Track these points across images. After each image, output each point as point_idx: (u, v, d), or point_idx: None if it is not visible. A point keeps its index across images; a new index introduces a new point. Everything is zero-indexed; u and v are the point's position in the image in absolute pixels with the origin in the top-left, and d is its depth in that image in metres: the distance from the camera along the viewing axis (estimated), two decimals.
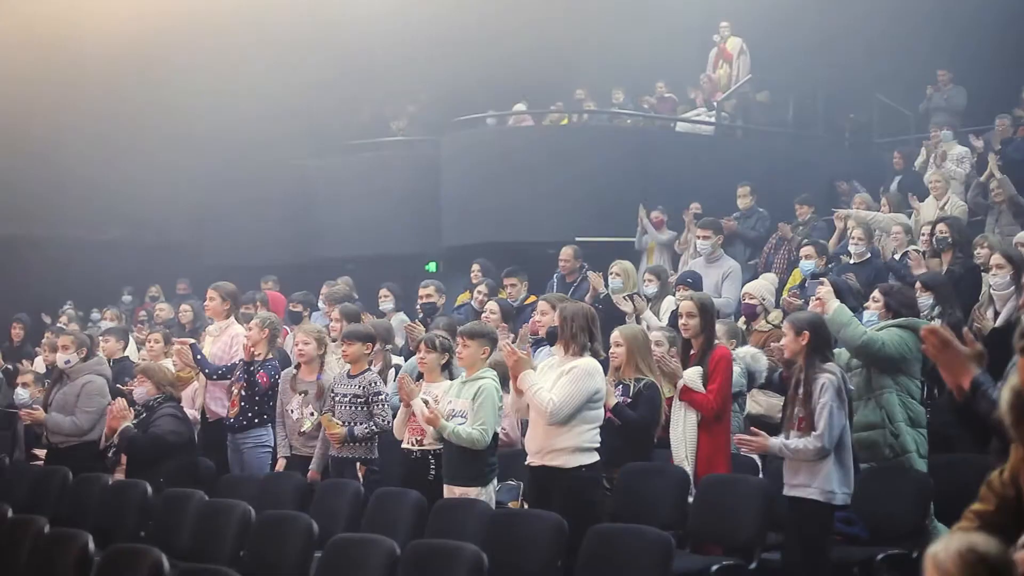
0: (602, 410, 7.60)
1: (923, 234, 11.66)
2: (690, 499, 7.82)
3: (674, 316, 9.72)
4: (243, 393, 9.81)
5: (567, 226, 15.93)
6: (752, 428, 7.70)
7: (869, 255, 11.72)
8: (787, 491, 7.30)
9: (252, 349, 9.85)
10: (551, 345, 7.71)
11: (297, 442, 9.56)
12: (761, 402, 9.08)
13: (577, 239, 14.05)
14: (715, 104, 18.72)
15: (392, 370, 9.93)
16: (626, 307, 10.89)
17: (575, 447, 7.39)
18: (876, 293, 8.35)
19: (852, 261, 11.70)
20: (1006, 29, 18.96)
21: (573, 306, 7.86)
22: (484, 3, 19.14)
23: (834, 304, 7.78)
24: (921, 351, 7.60)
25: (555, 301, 9.31)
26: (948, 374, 4.26)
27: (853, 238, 11.81)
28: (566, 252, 12.60)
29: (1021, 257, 9.00)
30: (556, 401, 7.28)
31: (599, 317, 8.45)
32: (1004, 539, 3.40)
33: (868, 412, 7.85)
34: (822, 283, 8.58)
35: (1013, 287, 8.57)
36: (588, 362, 7.46)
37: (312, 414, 9.37)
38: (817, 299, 8.00)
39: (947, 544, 3.14)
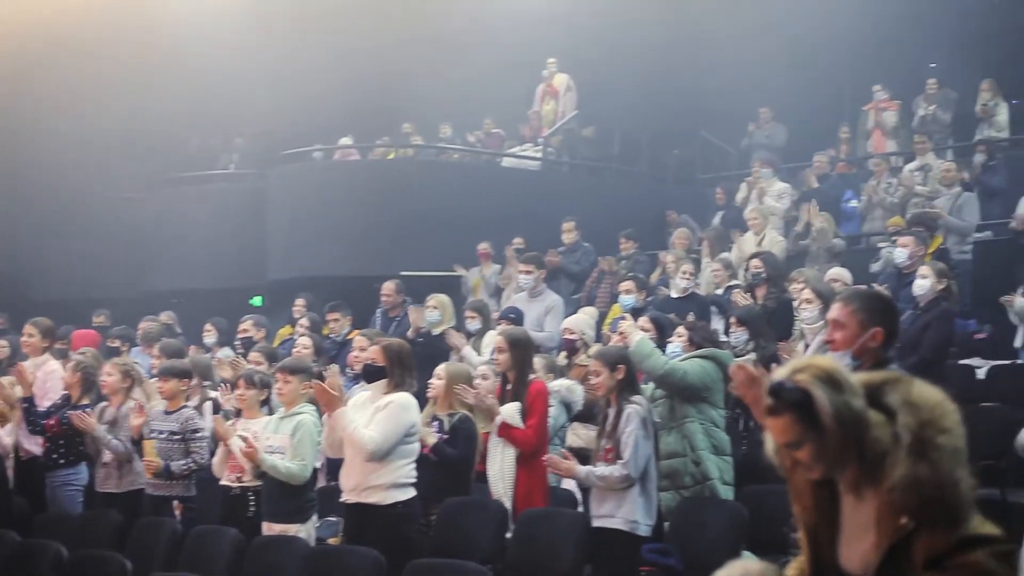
0: (418, 444, 7.61)
1: (744, 269, 11.90)
2: (508, 534, 7.86)
3: None
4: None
5: (393, 260, 15.93)
6: (563, 451, 7.82)
7: (692, 290, 11.92)
8: (594, 522, 7.45)
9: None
10: (368, 382, 7.68)
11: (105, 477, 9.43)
12: (581, 435, 9.12)
13: (402, 273, 14.05)
14: (541, 139, 18.87)
15: (208, 403, 9.80)
16: (454, 342, 10.95)
17: (391, 483, 7.38)
18: (680, 328, 8.56)
19: (674, 295, 11.86)
20: (826, 69, 19.54)
21: (396, 343, 7.87)
22: (311, 35, 19.11)
23: (636, 336, 7.90)
24: (724, 381, 7.85)
25: (374, 336, 9.33)
26: (756, 410, 4.35)
27: (684, 272, 11.97)
28: (388, 287, 12.57)
29: (832, 292, 9.21)
30: (377, 438, 7.26)
31: (420, 352, 8.50)
32: None
33: (671, 440, 7.97)
34: (623, 317, 8.73)
35: (822, 321, 8.75)
36: (403, 396, 7.45)
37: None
38: (620, 333, 8.13)
39: (729, 571, 3.23)
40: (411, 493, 7.48)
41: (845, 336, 4.78)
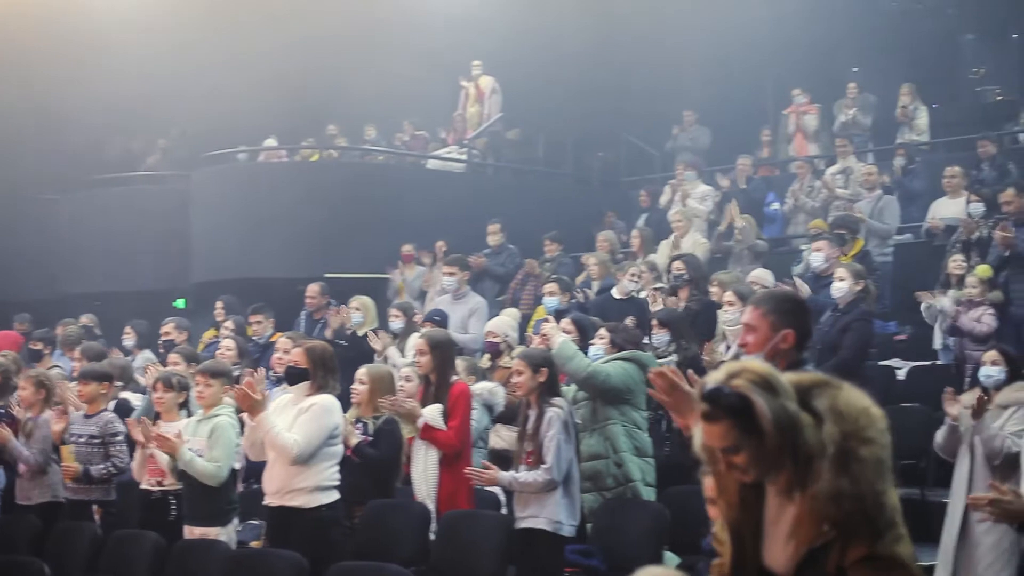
0: (341, 446, 7.61)
1: (667, 271, 11.97)
2: (432, 535, 7.87)
3: None
4: None
5: (317, 262, 15.81)
6: (483, 463, 7.85)
7: (633, 292, 11.99)
8: (518, 523, 7.48)
9: None
10: (291, 384, 7.66)
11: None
12: (504, 437, 9.15)
13: (327, 275, 14.00)
14: (466, 141, 18.87)
15: (112, 402, 9.62)
16: (376, 344, 10.92)
17: (315, 486, 7.37)
18: (602, 330, 8.57)
19: (617, 296, 11.87)
20: (748, 72, 19.70)
21: (319, 345, 7.87)
22: (235, 36, 18.98)
23: (559, 338, 7.93)
24: (646, 383, 7.89)
25: (298, 338, 9.30)
26: (677, 415, 4.37)
27: (632, 275, 12.01)
28: (312, 289, 12.57)
29: (752, 294, 9.30)
30: (300, 441, 7.25)
31: (343, 355, 8.48)
32: None
33: (593, 443, 8.03)
34: (546, 319, 8.75)
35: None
36: (325, 398, 7.45)
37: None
38: (542, 335, 8.15)
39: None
40: (335, 496, 7.47)
41: (757, 339, 4.80)
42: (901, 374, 11.27)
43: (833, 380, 3.46)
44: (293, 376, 7.59)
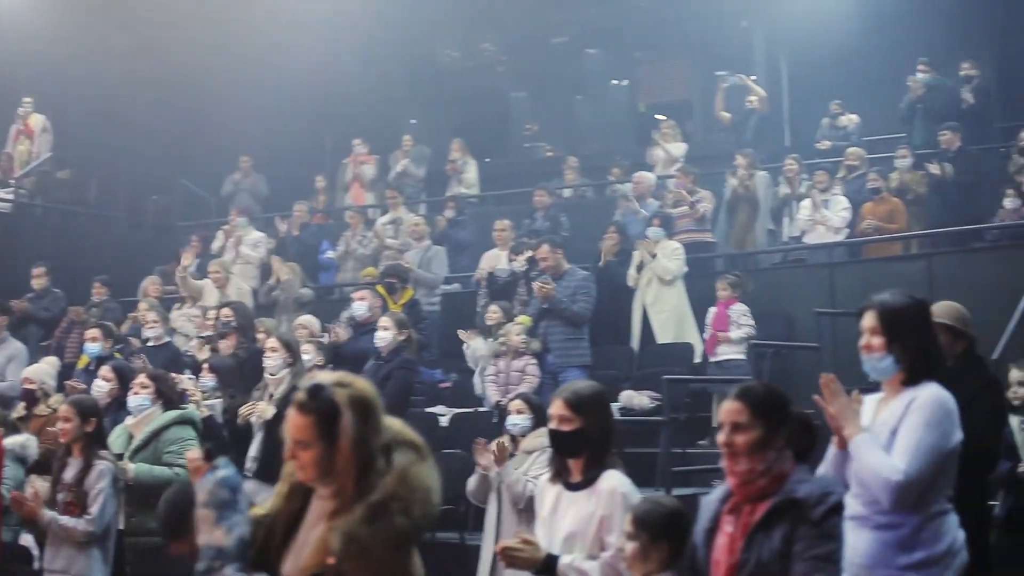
0: None
1: (209, 319, 11.92)
2: None
3: None
4: None
5: None
6: (32, 492, 7.56)
7: (168, 339, 11.85)
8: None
9: None
10: None
11: None
12: (41, 488, 8.84)
13: None
14: (13, 181, 18.20)
15: None
16: None
17: None
18: (144, 379, 8.26)
19: (151, 344, 11.71)
20: (308, 121, 19.94)
21: None
22: None
23: (132, 470, 7.62)
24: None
25: None
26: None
27: (147, 322, 11.84)
28: None
29: (296, 341, 9.39)
30: None
31: None
32: None
33: None
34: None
35: (287, 370, 8.91)
36: None
37: None
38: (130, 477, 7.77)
39: None
40: None
41: None
42: (444, 421, 11.51)
43: (426, 451, 3.72)
44: None
